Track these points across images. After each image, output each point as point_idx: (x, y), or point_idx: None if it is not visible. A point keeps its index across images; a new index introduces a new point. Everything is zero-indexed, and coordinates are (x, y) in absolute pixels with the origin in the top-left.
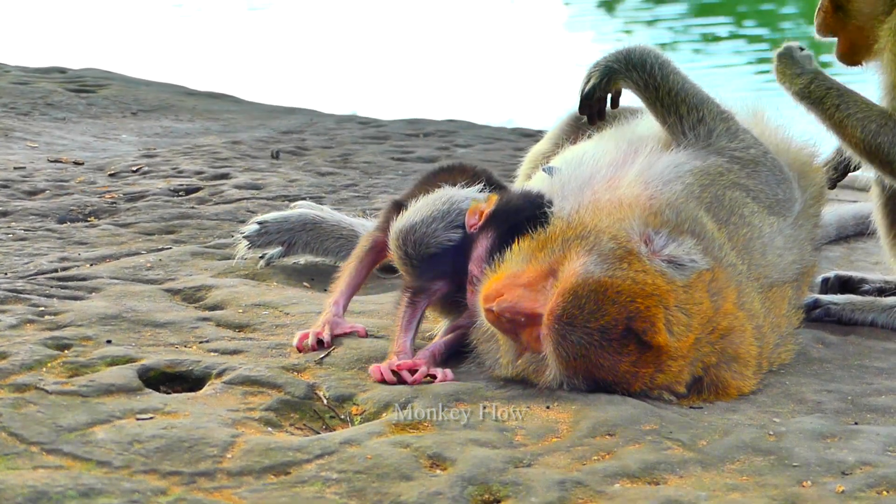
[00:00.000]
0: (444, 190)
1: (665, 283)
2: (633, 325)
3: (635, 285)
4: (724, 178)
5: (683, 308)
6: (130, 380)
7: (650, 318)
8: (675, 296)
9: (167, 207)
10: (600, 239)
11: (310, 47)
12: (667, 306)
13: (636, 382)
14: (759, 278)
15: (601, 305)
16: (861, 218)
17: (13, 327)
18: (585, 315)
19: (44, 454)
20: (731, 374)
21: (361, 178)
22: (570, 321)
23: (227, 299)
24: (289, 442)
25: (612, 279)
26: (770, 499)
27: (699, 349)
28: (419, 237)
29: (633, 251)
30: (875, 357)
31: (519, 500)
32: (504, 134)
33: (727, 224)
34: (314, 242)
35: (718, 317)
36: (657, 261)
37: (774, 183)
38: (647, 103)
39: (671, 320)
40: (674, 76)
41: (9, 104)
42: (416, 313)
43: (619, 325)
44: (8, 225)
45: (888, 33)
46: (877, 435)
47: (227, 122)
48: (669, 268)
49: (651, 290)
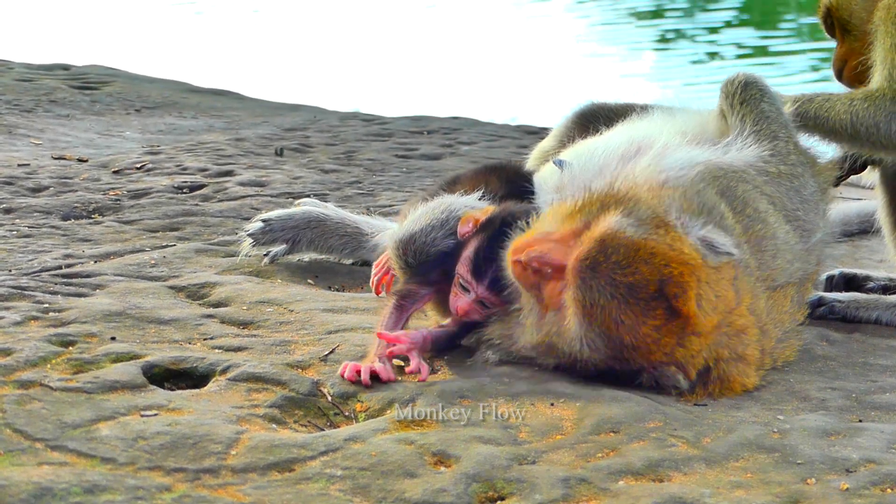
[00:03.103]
0: (443, 198)
1: (700, 258)
2: (666, 289)
3: (671, 251)
4: (739, 174)
5: (713, 288)
6: (135, 376)
7: (683, 284)
8: (707, 273)
9: (171, 204)
10: (638, 206)
11: (314, 44)
12: (699, 279)
13: (655, 351)
14: (767, 279)
15: (632, 263)
16: (866, 216)
17: (17, 324)
18: (611, 265)
19: (48, 451)
20: (737, 371)
21: (365, 175)
22: (595, 267)
23: (232, 296)
24: (293, 439)
25: (647, 240)
26: (774, 496)
27: (717, 337)
28: (419, 246)
29: (670, 223)
30: (879, 354)
31: (523, 498)
32: (508, 131)
33: (742, 215)
34: (318, 240)
35: (735, 314)
36: (693, 237)
37: (798, 200)
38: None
39: (702, 294)
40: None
41: (13, 101)
42: (403, 316)
43: (651, 287)
44: (12, 222)
45: (882, 10)
46: (881, 432)
47: (231, 119)
48: (704, 247)
49: (687, 259)
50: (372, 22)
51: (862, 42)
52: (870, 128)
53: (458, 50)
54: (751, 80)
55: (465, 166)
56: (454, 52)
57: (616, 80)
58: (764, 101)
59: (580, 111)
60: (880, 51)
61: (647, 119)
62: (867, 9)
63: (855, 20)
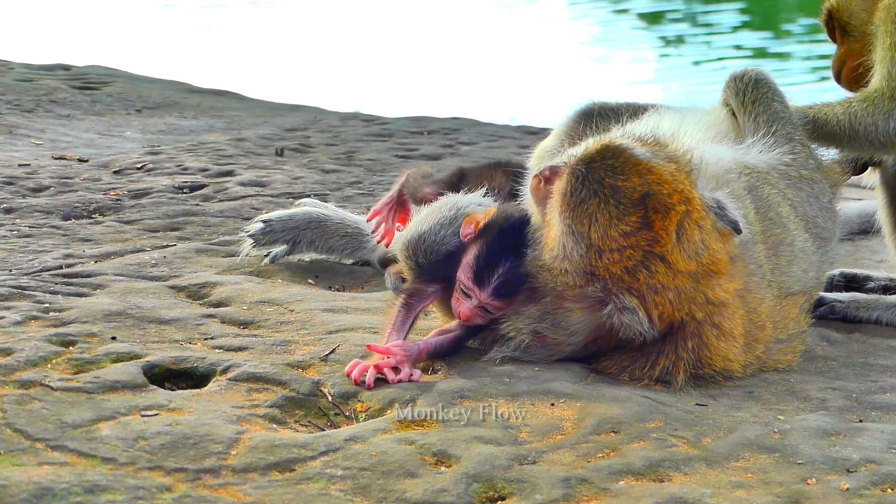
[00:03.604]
0: (449, 197)
1: (700, 204)
2: (648, 201)
3: (672, 178)
4: (763, 175)
5: (703, 235)
6: (135, 376)
7: (668, 205)
8: (700, 217)
9: (172, 204)
10: (661, 149)
11: (314, 44)
12: (689, 215)
13: (618, 261)
14: (780, 286)
15: (626, 171)
16: (866, 216)
17: (18, 324)
18: (605, 166)
19: (49, 451)
20: (716, 339)
21: (366, 175)
22: (588, 163)
23: (232, 296)
24: (293, 439)
25: (651, 161)
26: (774, 496)
27: (690, 290)
28: (429, 246)
29: (685, 166)
30: (880, 355)
31: (523, 498)
32: (508, 131)
33: (764, 217)
34: (319, 240)
35: (720, 282)
36: (706, 195)
37: (819, 206)
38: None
39: (685, 229)
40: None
41: (13, 101)
42: (410, 315)
43: (635, 195)
44: (13, 222)
45: (882, 10)
46: (881, 432)
47: (232, 120)
48: (713, 205)
49: (684, 191)
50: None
51: (861, 44)
52: (868, 127)
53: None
54: (760, 77)
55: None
56: (454, 53)
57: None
58: (775, 100)
59: (582, 110)
60: (879, 50)
61: (658, 116)
62: (867, 10)
63: (855, 21)
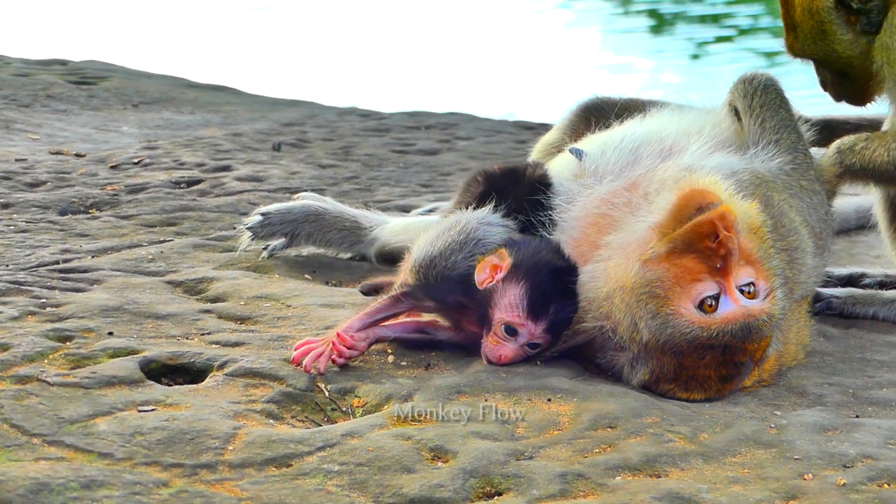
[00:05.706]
0: (456, 216)
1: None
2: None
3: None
4: (771, 184)
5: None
6: (132, 372)
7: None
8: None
9: (168, 199)
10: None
11: (311, 39)
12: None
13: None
14: (793, 293)
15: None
16: (862, 212)
17: (15, 319)
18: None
19: (45, 446)
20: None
21: (363, 170)
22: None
23: (229, 291)
24: (290, 434)
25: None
26: (771, 492)
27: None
28: (440, 270)
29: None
30: (876, 350)
31: (520, 493)
32: (505, 127)
33: (780, 226)
34: (317, 233)
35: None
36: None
37: (817, 217)
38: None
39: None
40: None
41: (10, 96)
42: (390, 311)
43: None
44: (9, 217)
45: (880, 51)
46: (878, 428)
47: (229, 115)
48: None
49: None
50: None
51: (863, 80)
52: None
53: (454, 45)
54: (770, 82)
55: (463, 161)
56: (451, 48)
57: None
58: (783, 107)
59: (584, 105)
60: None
61: (663, 115)
62: (864, 51)
63: (856, 63)
